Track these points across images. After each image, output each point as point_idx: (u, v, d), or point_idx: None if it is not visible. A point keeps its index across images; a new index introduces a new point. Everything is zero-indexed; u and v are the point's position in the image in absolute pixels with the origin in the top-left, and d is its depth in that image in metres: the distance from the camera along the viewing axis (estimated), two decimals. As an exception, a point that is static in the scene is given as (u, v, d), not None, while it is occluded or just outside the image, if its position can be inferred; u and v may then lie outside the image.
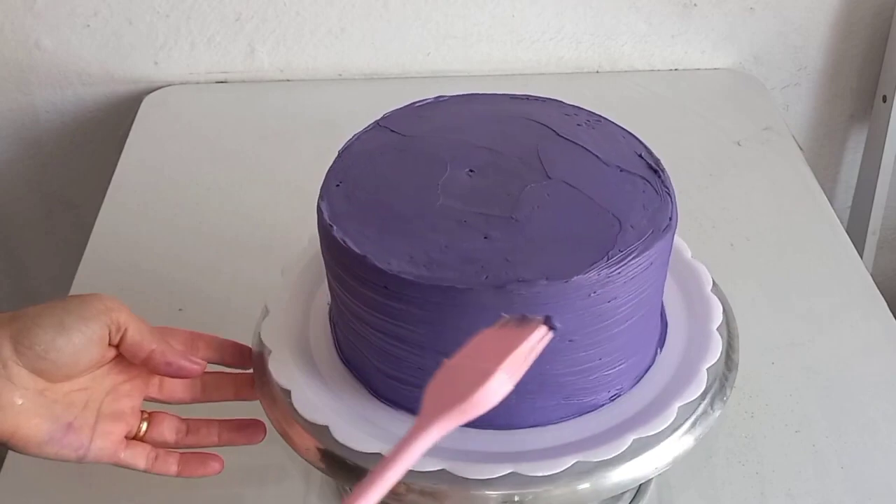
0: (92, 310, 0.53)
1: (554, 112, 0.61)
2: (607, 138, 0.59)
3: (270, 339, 0.59)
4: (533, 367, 0.49)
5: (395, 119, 0.61)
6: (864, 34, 1.09)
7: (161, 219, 0.91)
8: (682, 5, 1.06)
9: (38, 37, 1.05)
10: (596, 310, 0.52)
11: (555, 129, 0.59)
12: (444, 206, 0.54)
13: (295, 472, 0.67)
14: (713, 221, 0.89)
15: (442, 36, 1.07)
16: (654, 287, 0.55)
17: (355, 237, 0.52)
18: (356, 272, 0.52)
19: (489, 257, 0.51)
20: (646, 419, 0.54)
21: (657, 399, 0.56)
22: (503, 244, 0.52)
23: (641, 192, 0.55)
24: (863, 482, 0.67)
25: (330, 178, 0.56)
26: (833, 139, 1.17)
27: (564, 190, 0.55)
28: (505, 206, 0.54)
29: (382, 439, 0.53)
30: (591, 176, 0.56)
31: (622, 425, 0.54)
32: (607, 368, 0.55)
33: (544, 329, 0.49)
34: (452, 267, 0.51)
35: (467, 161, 0.57)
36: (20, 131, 1.11)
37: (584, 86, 1.07)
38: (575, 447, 0.53)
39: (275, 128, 1.03)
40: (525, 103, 0.62)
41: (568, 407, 0.55)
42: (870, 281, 0.84)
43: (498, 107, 0.62)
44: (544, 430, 0.55)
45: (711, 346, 0.58)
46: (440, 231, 0.53)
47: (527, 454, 0.53)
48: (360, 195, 0.55)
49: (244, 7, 1.04)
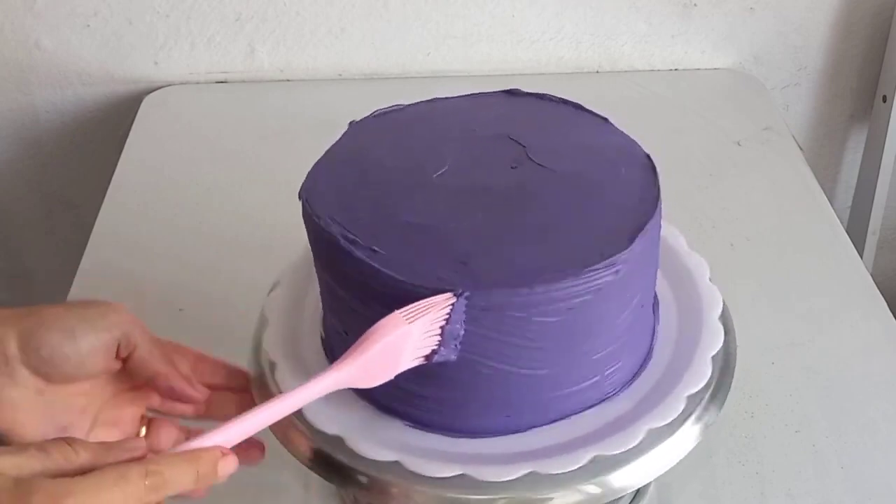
0: (106, 322, 0.52)
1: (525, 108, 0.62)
2: (582, 132, 0.59)
3: (274, 350, 0.59)
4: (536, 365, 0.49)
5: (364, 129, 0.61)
6: (864, 34, 1.09)
7: (161, 219, 0.90)
8: (682, 5, 1.06)
9: (38, 37, 1.05)
10: (590, 309, 0.52)
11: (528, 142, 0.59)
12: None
13: (294, 478, 0.67)
14: (713, 221, 0.89)
15: (442, 36, 1.07)
16: (649, 279, 0.56)
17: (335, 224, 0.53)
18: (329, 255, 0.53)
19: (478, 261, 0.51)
20: (655, 410, 0.54)
21: (663, 390, 0.55)
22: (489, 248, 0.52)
23: (626, 182, 0.55)
24: (863, 482, 0.67)
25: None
26: (833, 139, 1.17)
27: (554, 189, 0.55)
28: (493, 207, 0.54)
29: (394, 448, 0.53)
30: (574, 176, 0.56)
31: (632, 416, 0.54)
32: (609, 364, 0.55)
33: (450, 294, 0.49)
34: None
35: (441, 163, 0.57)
36: (20, 131, 1.11)
37: (584, 86, 1.07)
38: (588, 442, 0.53)
39: (275, 128, 1.03)
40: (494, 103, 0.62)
41: (573, 401, 0.55)
42: (870, 281, 0.84)
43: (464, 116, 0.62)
44: (554, 427, 0.54)
45: (713, 335, 0.58)
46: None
47: (541, 451, 0.53)
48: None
49: (244, 7, 1.04)
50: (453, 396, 0.53)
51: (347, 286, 0.53)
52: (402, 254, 0.51)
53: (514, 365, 0.52)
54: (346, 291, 0.53)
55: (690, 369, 0.56)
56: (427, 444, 0.54)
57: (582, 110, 0.61)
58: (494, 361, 0.51)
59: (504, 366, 0.52)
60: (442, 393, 0.53)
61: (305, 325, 0.61)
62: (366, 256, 0.51)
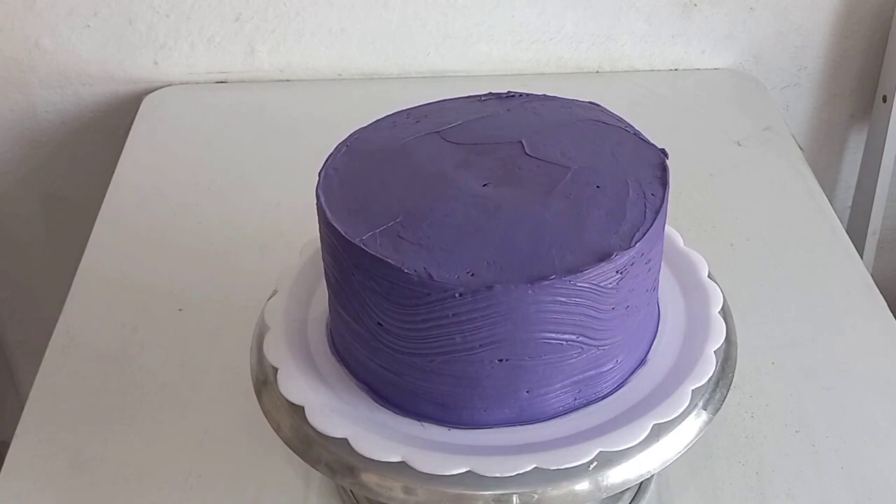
0: None
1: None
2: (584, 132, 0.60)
3: (275, 354, 0.59)
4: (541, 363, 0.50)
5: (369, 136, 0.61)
6: (864, 34, 1.09)
7: (161, 219, 0.90)
8: (682, 5, 1.06)
9: (38, 37, 1.05)
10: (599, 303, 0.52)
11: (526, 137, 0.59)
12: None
13: (294, 474, 0.67)
14: (713, 221, 0.89)
15: (442, 36, 1.07)
16: (654, 275, 0.56)
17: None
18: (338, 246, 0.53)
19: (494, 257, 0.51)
20: (661, 404, 0.54)
21: (667, 384, 0.56)
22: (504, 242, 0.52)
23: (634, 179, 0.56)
24: (863, 482, 0.67)
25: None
26: (833, 139, 1.17)
27: (568, 188, 0.56)
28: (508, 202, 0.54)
29: (400, 446, 0.53)
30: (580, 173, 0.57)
31: (637, 411, 0.54)
32: (612, 359, 0.55)
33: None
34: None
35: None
36: (20, 131, 1.11)
37: (584, 86, 1.07)
38: (591, 436, 0.53)
39: (275, 128, 1.03)
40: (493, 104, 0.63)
41: (576, 398, 0.55)
42: (870, 281, 0.84)
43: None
44: (560, 422, 0.55)
45: (715, 330, 0.58)
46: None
47: (545, 444, 0.53)
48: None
49: (244, 7, 1.04)
50: (459, 391, 0.54)
51: (363, 286, 0.53)
52: (422, 252, 0.51)
53: (522, 358, 0.52)
54: (363, 290, 0.53)
55: (694, 363, 0.56)
56: (430, 439, 0.54)
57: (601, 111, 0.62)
58: (505, 354, 0.52)
59: (513, 359, 0.52)
60: (446, 387, 0.54)
61: (309, 328, 0.61)
62: (385, 255, 0.51)
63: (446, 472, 0.52)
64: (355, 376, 0.58)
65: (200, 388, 0.74)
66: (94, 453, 0.69)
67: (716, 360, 0.57)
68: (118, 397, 0.73)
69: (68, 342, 0.78)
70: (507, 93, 0.63)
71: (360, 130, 0.61)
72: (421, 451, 0.53)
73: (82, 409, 0.72)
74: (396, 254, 0.51)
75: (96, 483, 0.68)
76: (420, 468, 0.52)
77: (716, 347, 0.57)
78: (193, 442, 0.70)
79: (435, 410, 0.55)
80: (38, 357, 0.76)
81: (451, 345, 0.52)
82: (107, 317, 0.80)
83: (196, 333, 0.78)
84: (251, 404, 0.60)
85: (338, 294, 0.56)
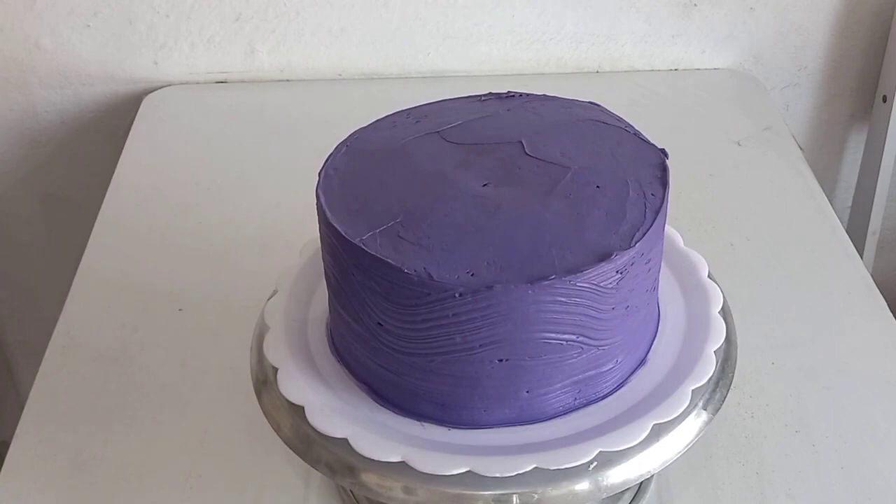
0: None
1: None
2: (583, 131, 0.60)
3: (275, 354, 0.59)
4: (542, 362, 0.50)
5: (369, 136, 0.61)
6: (864, 34, 1.09)
7: (161, 219, 0.90)
8: (682, 5, 1.06)
9: (38, 37, 1.05)
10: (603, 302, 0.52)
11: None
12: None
13: (294, 473, 0.67)
14: (713, 221, 0.89)
15: (442, 36, 1.07)
16: (654, 275, 0.56)
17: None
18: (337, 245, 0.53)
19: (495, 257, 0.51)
20: (661, 404, 0.54)
21: (667, 384, 0.56)
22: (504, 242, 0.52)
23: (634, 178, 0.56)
24: (863, 482, 0.67)
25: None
26: (833, 139, 1.17)
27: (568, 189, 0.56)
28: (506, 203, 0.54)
29: (400, 446, 0.53)
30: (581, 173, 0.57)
31: (637, 411, 0.54)
32: (612, 359, 0.55)
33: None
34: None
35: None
36: (20, 131, 1.11)
37: (584, 86, 1.07)
38: (591, 436, 0.53)
39: (275, 128, 1.03)
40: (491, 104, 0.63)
41: (576, 398, 0.55)
42: (870, 281, 0.84)
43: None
44: (560, 422, 0.55)
45: (715, 330, 0.58)
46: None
47: (545, 444, 0.53)
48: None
49: (244, 7, 1.04)
50: (459, 391, 0.54)
51: (363, 286, 0.53)
52: (422, 252, 0.51)
53: (522, 358, 0.52)
54: (363, 290, 0.53)
55: (694, 363, 0.56)
56: (430, 439, 0.54)
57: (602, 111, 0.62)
58: (505, 354, 0.52)
59: (513, 359, 0.52)
60: (446, 387, 0.54)
61: (309, 328, 0.61)
62: (386, 255, 0.51)
63: (446, 472, 0.52)
64: (355, 376, 0.58)
65: (200, 388, 0.74)
66: (94, 453, 0.69)
67: (716, 360, 0.57)
68: (118, 397, 0.73)
69: (68, 342, 0.78)
70: (507, 93, 0.64)
71: (360, 130, 0.61)
72: (421, 451, 0.53)
73: (82, 409, 0.72)
74: (396, 254, 0.51)
75: (96, 483, 0.68)
76: (420, 468, 0.52)
77: (716, 347, 0.57)
78: (193, 442, 0.70)
79: (435, 410, 0.55)
80: (38, 357, 0.76)
81: (451, 345, 0.52)
82: (107, 317, 0.80)
83: (196, 333, 0.78)
84: (251, 404, 0.60)
85: (338, 294, 0.56)
